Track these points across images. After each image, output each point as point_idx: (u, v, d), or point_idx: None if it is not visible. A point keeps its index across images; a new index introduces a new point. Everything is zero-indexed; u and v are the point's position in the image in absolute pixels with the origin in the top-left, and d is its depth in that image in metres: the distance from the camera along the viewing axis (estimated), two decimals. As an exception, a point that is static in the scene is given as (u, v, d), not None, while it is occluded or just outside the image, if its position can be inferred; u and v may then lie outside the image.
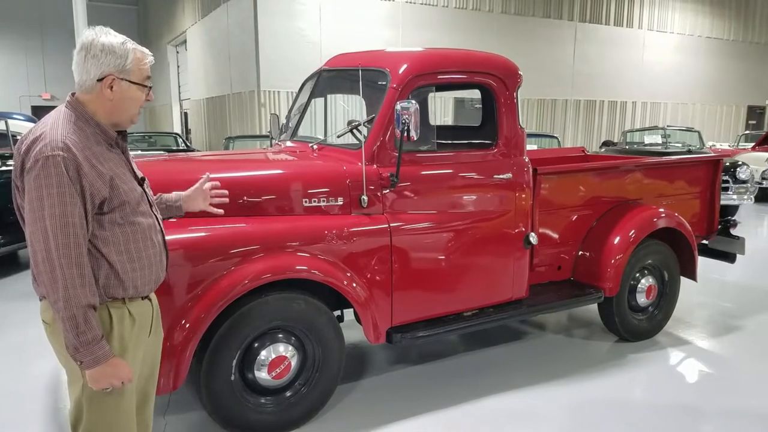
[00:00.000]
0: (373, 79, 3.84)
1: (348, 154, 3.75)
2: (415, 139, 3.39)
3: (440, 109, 14.94)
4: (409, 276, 3.71)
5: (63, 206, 1.88)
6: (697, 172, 5.26)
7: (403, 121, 3.34)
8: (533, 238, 4.14)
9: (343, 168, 3.62)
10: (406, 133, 3.37)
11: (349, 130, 4.04)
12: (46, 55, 27.13)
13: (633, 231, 4.53)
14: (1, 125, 7.58)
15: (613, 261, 4.45)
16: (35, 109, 25.84)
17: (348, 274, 3.47)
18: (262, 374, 3.34)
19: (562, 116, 19.24)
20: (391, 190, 3.64)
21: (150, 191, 2.27)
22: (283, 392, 3.46)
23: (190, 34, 19.74)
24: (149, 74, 2.11)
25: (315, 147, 4.03)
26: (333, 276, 3.40)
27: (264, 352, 3.33)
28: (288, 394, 3.48)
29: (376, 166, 3.62)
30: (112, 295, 2.05)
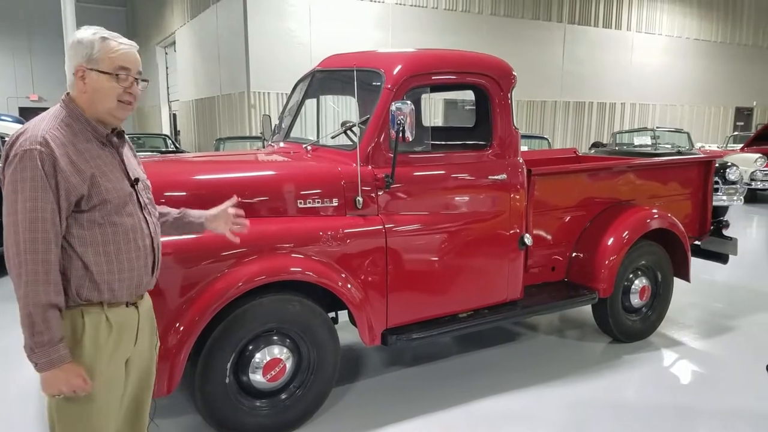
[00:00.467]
0: (367, 80, 3.82)
1: (342, 155, 3.73)
2: (410, 139, 3.38)
3: (430, 110, 14.94)
4: (405, 277, 3.69)
5: (34, 201, 1.84)
6: (690, 173, 5.28)
7: (398, 122, 3.33)
8: (528, 239, 4.13)
9: (338, 169, 3.60)
10: (401, 134, 3.36)
11: (343, 131, 4.02)
12: (34, 56, 26.98)
13: (627, 232, 4.53)
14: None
15: (606, 262, 4.45)
16: (22, 110, 25.64)
17: (343, 275, 3.45)
18: (256, 377, 3.31)
19: (551, 118, 19.31)
20: (386, 191, 3.63)
21: (145, 193, 2.18)
22: (278, 395, 3.44)
23: (179, 36, 19.67)
24: (124, 64, 2.00)
25: (309, 148, 4.01)
26: (327, 277, 3.37)
27: (259, 355, 3.30)
28: (283, 396, 3.45)
29: (370, 167, 3.60)
30: (86, 298, 1.96)
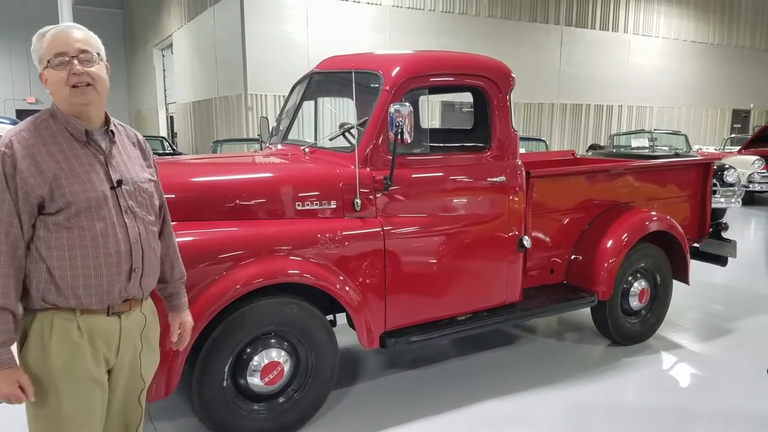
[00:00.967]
0: (365, 82, 3.80)
1: (341, 157, 3.71)
2: (408, 141, 3.37)
3: (428, 112, 14.93)
4: (403, 280, 3.67)
5: None
6: (689, 175, 5.27)
7: (396, 124, 3.31)
8: (527, 241, 4.12)
9: (336, 171, 3.59)
10: (399, 136, 3.34)
11: (341, 133, 4.01)
12: (31, 58, 26.79)
13: (626, 234, 4.52)
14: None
15: (606, 264, 4.43)
16: (20, 112, 25.62)
17: (341, 277, 3.43)
18: (254, 380, 3.29)
19: (548, 120, 19.32)
20: (385, 193, 3.61)
21: (133, 197, 2.06)
22: (275, 398, 3.41)
23: (177, 38, 19.64)
24: (57, 50, 1.96)
25: (307, 150, 3.99)
26: (325, 280, 3.36)
27: (256, 358, 3.28)
28: (281, 400, 3.43)
29: (369, 169, 3.59)
30: (52, 303, 1.92)
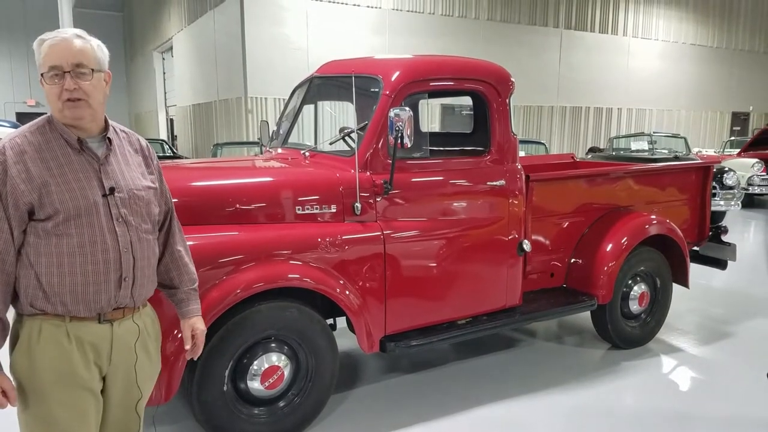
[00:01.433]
0: (365, 86, 3.81)
1: (341, 161, 3.72)
2: (408, 146, 3.37)
3: (427, 115, 14.94)
4: (403, 284, 3.67)
5: None
6: (688, 178, 5.28)
7: (396, 128, 3.32)
8: (526, 245, 4.12)
9: (336, 175, 3.59)
10: (399, 140, 3.35)
11: (341, 137, 4.01)
12: (32, 61, 26.48)
13: (625, 238, 4.52)
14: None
15: (605, 268, 4.44)
16: (20, 115, 25.62)
17: (341, 281, 3.43)
18: (254, 384, 3.29)
19: (548, 123, 19.32)
20: (385, 197, 3.61)
21: (127, 204, 2.03)
22: (276, 402, 3.42)
23: (177, 41, 19.66)
24: (52, 62, 1.90)
25: (307, 154, 3.99)
26: (325, 284, 3.36)
27: (257, 362, 3.28)
28: (281, 404, 3.43)
29: (369, 173, 3.59)
30: (40, 308, 1.93)
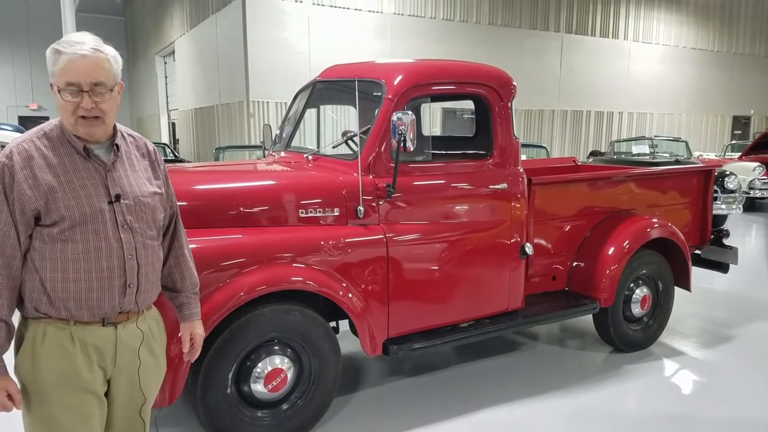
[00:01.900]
0: (368, 90, 3.83)
1: (344, 165, 3.73)
2: (411, 149, 3.39)
3: (429, 119, 14.96)
4: (406, 287, 3.69)
5: None
6: (690, 182, 5.29)
7: (399, 132, 3.34)
8: (529, 248, 4.13)
9: (339, 178, 3.61)
10: (402, 144, 3.36)
11: (344, 141, 4.03)
12: (34, 65, 27.01)
13: (627, 241, 4.53)
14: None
15: (608, 271, 4.44)
16: (22, 119, 25.68)
17: (344, 284, 3.44)
18: (258, 387, 3.30)
19: (549, 126, 19.33)
20: (387, 200, 3.63)
21: (132, 211, 2.03)
22: (279, 405, 3.43)
23: (179, 45, 19.70)
24: (70, 79, 1.89)
25: (310, 158, 4.01)
26: (328, 287, 3.37)
27: (260, 365, 3.30)
28: (284, 407, 3.44)
29: (372, 176, 3.61)
30: (44, 312, 1.94)
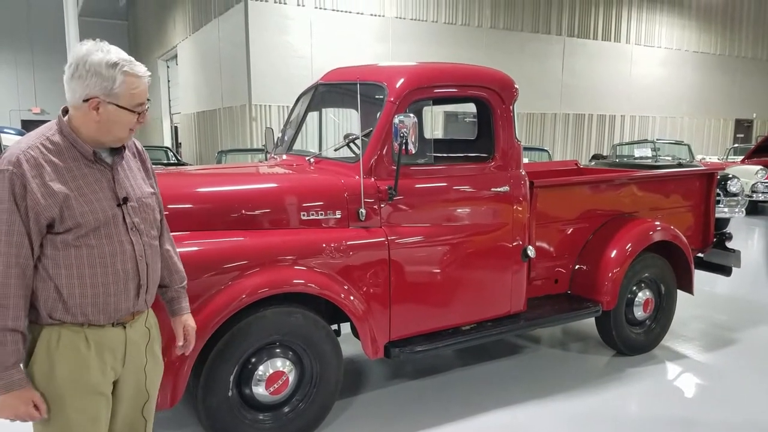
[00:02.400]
0: (370, 93, 3.83)
1: (345, 168, 3.73)
2: (413, 152, 3.39)
3: (431, 122, 14.96)
4: (408, 290, 3.68)
5: (2, 224, 1.83)
6: (692, 185, 5.28)
7: (401, 135, 3.34)
8: (531, 251, 4.12)
9: (341, 181, 3.60)
10: (404, 147, 3.36)
11: (346, 144, 4.03)
12: (37, 68, 27.09)
13: (630, 244, 4.52)
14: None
15: (610, 274, 4.44)
16: (25, 123, 25.73)
17: (345, 287, 3.44)
18: (259, 390, 3.30)
19: (551, 130, 19.32)
20: (389, 203, 3.63)
21: (139, 213, 2.06)
22: (280, 408, 3.42)
23: (181, 49, 19.73)
24: (142, 100, 1.96)
25: (312, 160, 4.01)
26: (330, 289, 3.37)
27: (261, 368, 3.29)
28: (286, 409, 3.43)
29: (373, 179, 3.61)
30: (59, 319, 1.92)
